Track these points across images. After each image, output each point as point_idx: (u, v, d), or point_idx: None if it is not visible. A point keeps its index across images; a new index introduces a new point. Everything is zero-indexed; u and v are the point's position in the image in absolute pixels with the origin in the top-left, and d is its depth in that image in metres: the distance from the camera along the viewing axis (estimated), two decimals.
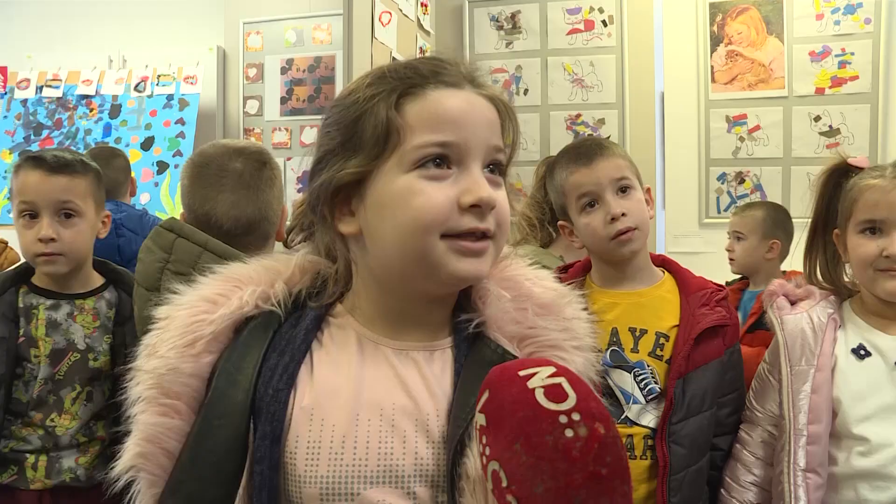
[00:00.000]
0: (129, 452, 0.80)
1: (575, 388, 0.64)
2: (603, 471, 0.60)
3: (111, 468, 0.80)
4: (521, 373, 0.66)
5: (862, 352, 1.29)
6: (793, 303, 1.38)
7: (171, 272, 1.31)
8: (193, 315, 0.82)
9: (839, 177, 1.37)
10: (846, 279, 1.39)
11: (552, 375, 0.65)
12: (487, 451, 0.66)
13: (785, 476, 1.27)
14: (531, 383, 0.64)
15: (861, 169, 1.34)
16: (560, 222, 1.55)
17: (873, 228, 1.28)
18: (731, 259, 2.68)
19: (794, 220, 2.65)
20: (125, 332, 1.65)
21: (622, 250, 1.41)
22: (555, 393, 0.63)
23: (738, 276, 2.73)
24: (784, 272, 2.54)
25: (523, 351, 0.83)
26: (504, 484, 0.63)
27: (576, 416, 0.62)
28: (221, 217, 1.41)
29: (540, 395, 0.63)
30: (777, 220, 2.64)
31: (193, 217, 1.44)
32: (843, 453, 1.27)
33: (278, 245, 2.15)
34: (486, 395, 0.67)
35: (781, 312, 1.37)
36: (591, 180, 1.42)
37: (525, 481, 0.62)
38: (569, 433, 0.61)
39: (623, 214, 1.39)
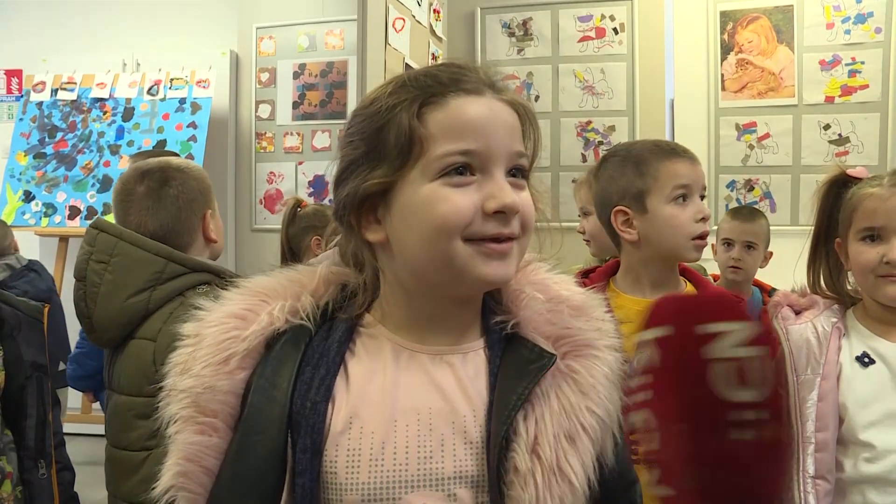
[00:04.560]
0: (169, 472, 0.80)
1: (766, 371, 0.56)
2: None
3: (152, 488, 0.80)
4: (710, 327, 0.58)
5: (866, 359, 1.31)
6: (797, 313, 1.40)
7: (94, 261, 1.48)
8: (224, 332, 0.82)
9: (839, 188, 1.39)
10: (849, 287, 1.40)
11: (745, 343, 0.56)
12: (649, 395, 0.60)
13: (795, 483, 1.28)
14: (717, 350, 0.56)
15: (860, 179, 1.37)
16: (618, 207, 1.46)
17: (873, 236, 1.30)
18: (737, 268, 2.50)
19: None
20: (17, 342, 1.49)
21: (695, 254, 1.44)
22: (742, 375, 0.56)
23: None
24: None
25: (559, 350, 0.83)
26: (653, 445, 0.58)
27: (763, 415, 0.54)
28: None
29: (722, 375, 0.55)
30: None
31: None
32: (850, 459, 1.28)
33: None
34: (666, 330, 0.61)
35: (786, 323, 1.38)
36: (693, 176, 1.45)
37: (675, 450, 0.57)
38: (746, 435, 0.55)
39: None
